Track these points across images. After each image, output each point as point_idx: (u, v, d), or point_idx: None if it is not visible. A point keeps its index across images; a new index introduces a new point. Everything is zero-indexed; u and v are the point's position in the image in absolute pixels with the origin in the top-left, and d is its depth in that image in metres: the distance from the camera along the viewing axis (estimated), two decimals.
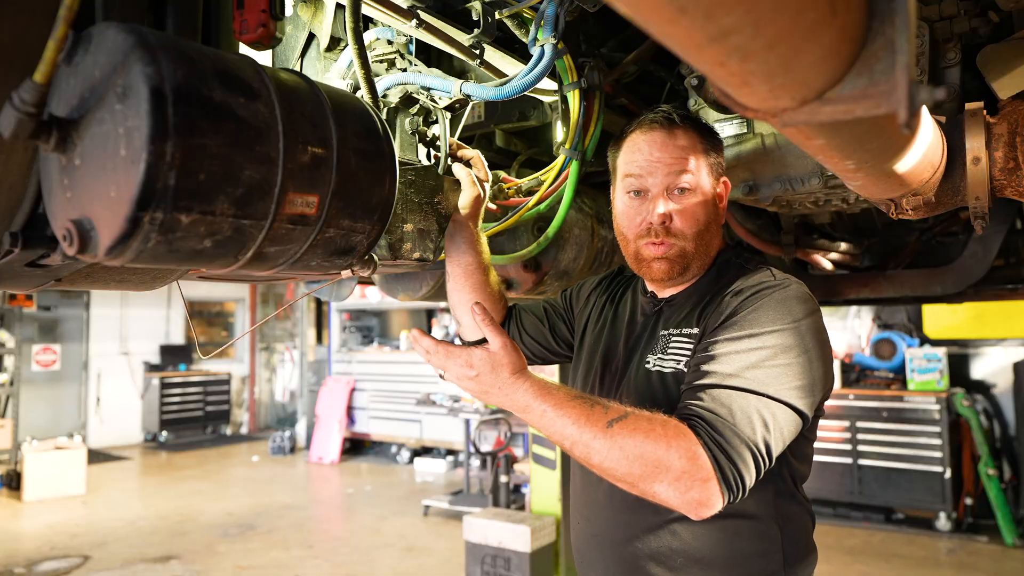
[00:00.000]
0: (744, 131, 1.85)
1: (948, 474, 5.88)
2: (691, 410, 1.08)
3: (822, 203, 2.10)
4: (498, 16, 1.53)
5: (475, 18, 1.49)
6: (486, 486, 6.75)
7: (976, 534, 5.93)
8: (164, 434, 10.82)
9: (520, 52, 1.71)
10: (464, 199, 1.51)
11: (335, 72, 1.51)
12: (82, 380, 10.75)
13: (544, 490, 4.45)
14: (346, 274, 1.20)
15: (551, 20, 1.43)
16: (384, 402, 9.75)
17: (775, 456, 1.08)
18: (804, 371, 1.11)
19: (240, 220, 0.88)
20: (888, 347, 6.89)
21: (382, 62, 1.55)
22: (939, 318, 7.02)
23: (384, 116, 1.40)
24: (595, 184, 2.35)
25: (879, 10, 0.56)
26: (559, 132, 1.86)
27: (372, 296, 9.62)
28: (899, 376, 6.65)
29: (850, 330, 7.65)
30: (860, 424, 6.30)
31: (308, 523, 6.70)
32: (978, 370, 6.96)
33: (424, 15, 1.45)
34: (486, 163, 1.57)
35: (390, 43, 1.54)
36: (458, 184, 1.52)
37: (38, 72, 0.79)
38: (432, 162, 1.59)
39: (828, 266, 3.19)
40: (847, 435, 6.32)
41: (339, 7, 1.48)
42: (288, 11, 1.49)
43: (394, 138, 1.30)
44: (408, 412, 9.38)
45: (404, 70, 1.55)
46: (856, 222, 3.34)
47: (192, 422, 11.21)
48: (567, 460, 4.28)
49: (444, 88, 1.47)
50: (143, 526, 6.52)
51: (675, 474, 1.01)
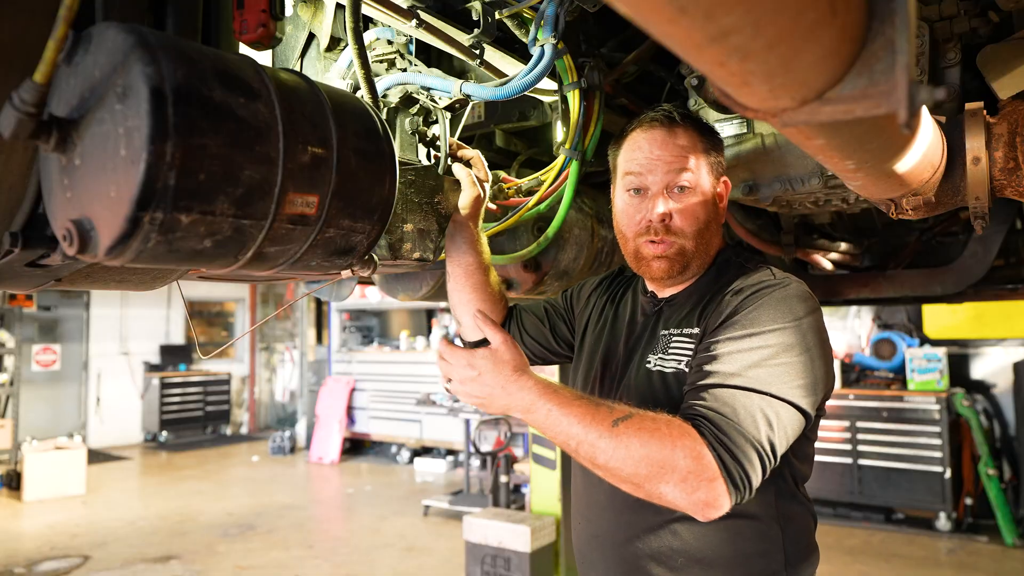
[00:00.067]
0: (744, 131, 1.85)
1: (948, 474, 5.88)
2: (695, 410, 1.08)
3: (822, 203, 2.10)
4: (498, 16, 1.53)
5: (475, 18, 1.49)
6: (486, 486, 6.75)
7: (976, 534, 5.93)
8: (164, 434, 10.82)
9: (520, 52, 1.71)
10: (464, 199, 1.51)
11: (335, 72, 1.51)
12: (82, 380, 10.75)
13: (544, 490, 4.45)
14: (346, 274, 1.20)
15: (551, 20, 1.43)
16: (384, 402, 9.74)
17: (780, 455, 1.08)
18: (806, 370, 1.11)
19: (240, 220, 0.88)
20: (888, 347, 6.89)
21: (382, 62, 1.55)
22: (939, 318, 7.02)
23: (384, 116, 1.40)
24: (595, 184, 2.35)
25: (879, 10, 0.56)
26: (559, 132, 1.86)
27: (372, 296, 9.62)
28: (899, 376, 6.65)
29: (850, 330, 7.65)
30: (860, 424, 6.30)
31: (308, 523, 6.70)
32: (978, 370, 6.96)
33: (424, 15, 1.45)
34: (486, 163, 1.57)
35: (390, 43, 1.54)
36: (458, 184, 1.52)
37: (38, 72, 0.79)
38: (432, 162, 1.59)
39: (828, 266, 3.18)
40: (847, 435, 6.32)
41: (339, 7, 1.48)
42: (288, 11, 1.49)
43: (394, 138, 1.30)
44: (408, 412, 9.38)
45: (404, 70, 1.55)
46: (856, 222, 3.34)
47: (192, 422, 11.21)
48: (567, 460, 4.27)
49: (444, 88, 1.47)
50: (143, 526, 6.52)
51: (681, 474, 1.00)
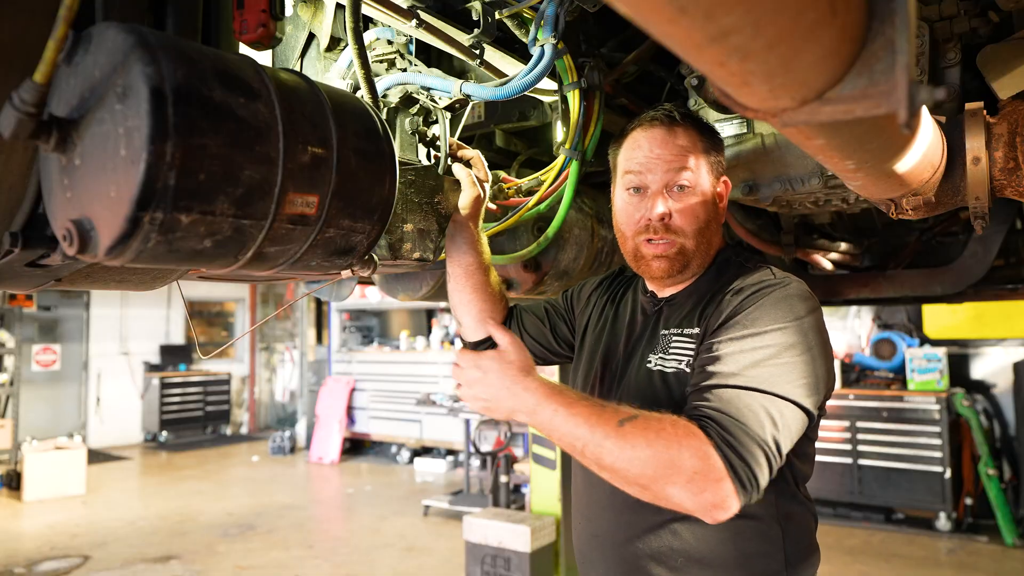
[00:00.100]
0: (744, 131, 1.85)
1: (948, 474, 5.88)
2: (700, 411, 1.07)
3: (822, 203, 2.10)
4: (498, 16, 1.53)
5: (475, 18, 1.49)
6: (486, 486, 6.75)
7: (976, 534, 5.93)
8: (164, 434, 10.82)
9: (520, 52, 1.71)
10: (464, 199, 1.51)
11: (335, 72, 1.51)
12: (82, 380, 10.75)
13: (544, 490, 4.45)
14: (346, 274, 1.20)
15: (551, 20, 1.43)
16: (384, 402, 9.74)
17: (785, 454, 1.07)
18: (808, 369, 1.11)
19: (240, 220, 0.88)
20: (888, 347, 6.89)
21: (382, 62, 1.55)
22: (939, 318, 7.02)
23: (384, 116, 1.40)
24: (595, 184, 2.35)
25: (879, 10, 0.56)
26: (559, 132, 1.86)
27: (372, 296, 9.62)
28: (899, 376, 6.65)
29: (850, 330, 7.65)
30: (860, 424, 6.30)
31: (308, 523, 6.70)
32: (978, 370, 6.96)
33: (424, 15, 1.45)
34: (486, 163, 1.57)
35: (390, 43, 1.54)
36: (458, 184, 1.52)
37: (38, 72, 0.79)
38: (432, 162, 1.59)
39: (828, 266, 3.18)
40: (847, 435, 6.32)
41: (339, 7, 1.48)
42: (288, 11, 1.49)
43: (394, 138, 1.30)
44: (408, 412, 9.37)
45: (404, 70, 1.55)
46: (856, 222, 3.34)
47: (192, 422, 11.21)
48: (567, 460, 4.27)
49: (444, 88, 1.47)
50: (143, 526, 6.52)
51: (687, 475, 0.99)
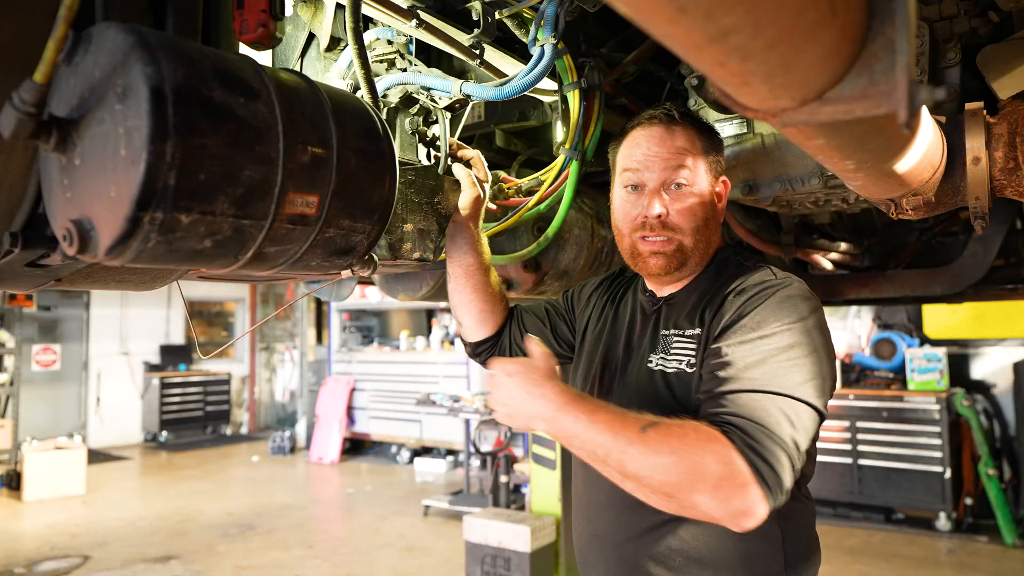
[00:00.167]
0: (744, 131, 1.85)
1: (948, 474, 5.88)
2: (720, 418, 1.06)
3: (822, 203, 2.10)
4: (498, 16, 1.53)
5: (475, 18, 1.49)
6: (486, 486, 6.75)
7: (976, 534, 5.93)
8: (164, 434, 10.82)
9: (520, 52, 1.71)
10: (464, 199, 1.51)
11: (335, 72, 1.51)
12: (82, 380, 10.75)
13: (544, 490, 4.45)
14: (346, 274, 1.20)
15: (551, 20, 1.43)
16: (384, 402, 9.74)
17: (804, 454, 1.07)
18: (815, 369, 1.11)
19: (240, 220, 0.88)
20: (888, 347, 6.89)
21: (382, 62, 1.55)
22: (939, 318, 7.01)
23: (384, 116, 1.40)
24: (595, 184, 2.35)
25: (879, 10, 0.56)
26: (559, 132, 1.86)
27: (372, 296, 9.62)
28: (899, 376, 6.64)
29: (850, 330, 7.65)
30: (860, 424, 6.30)
31: (308, 523, 6.70)
32: (978, 370, 6.95)
33: (424, 15, 1.45)
34: (486, 163, 1.57)
35: (390, 43, 1.54)
36: (458, 184, 1.52)
37: (38, 72, 0.79)
38: (432, 162, 1.59)
39: (828, 266, 3.18)
40: (847, 435, 6.32)
41: (339, 7, 1.48)
42: (288, 11, 1.49)
43: (394, 138, 1.30)
44: (408, 412, 9.37)
45: (404, 70, 1.55)
46: (856, 222, 3.34)
47: (192, 422, 11.21)
48: (567, 460, 4.27)
49: (444, 88, 1.47)
50: (143, 526, 6.52)
51: (713, 481, 0.98)
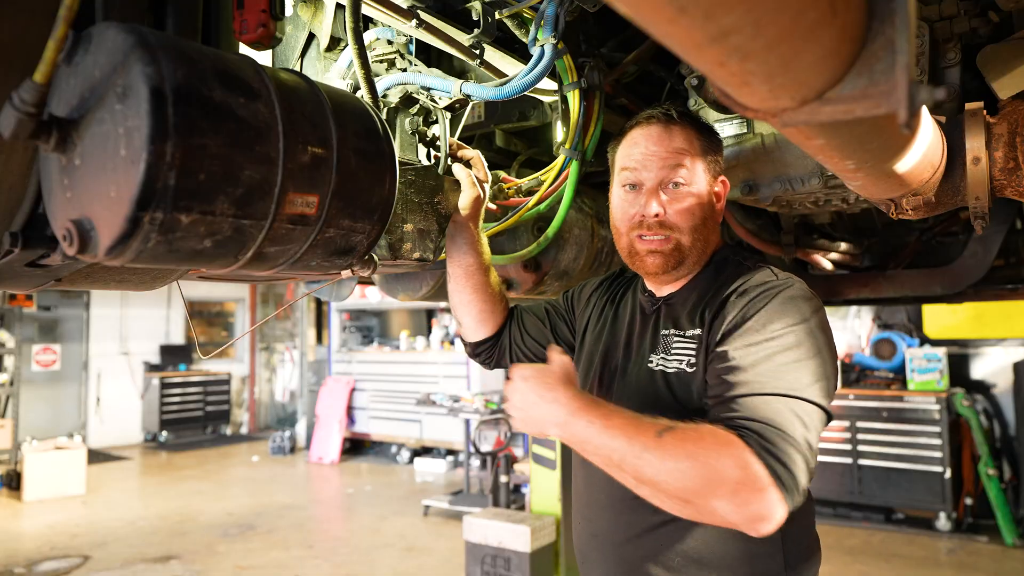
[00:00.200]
0: (744, 131, 1.85)
1: (948, 474, 5.88)
2: (734, 423, 1.06)
3: (822, 203, 2.10)
4: (498, 16, 1.53)
5: (475, 18, 1.49)
6: (486, 486, 6.75)
7: (976, 534, 5.93)
8: (164, 434, 10.82)
9: (520, 52, 1.71)
10: (464, 200, 1.51)
11: (335, 72, 1.51)
12: (82, 380, 10.75)
13: (544, 490, 4.45)
14: (346, 274, 1.20)
15: (551, 20, 1.43)
16: (384, 402, 9.74)
17: (816, 454, 1.07)
18: (821, 370, 1.12)
19: (240, 220, 0.88)
20: (888, 347, 6.89)
21: (382, 62, 1.55)
22: (939, 318, 7.01)
23: (384, 116, 1.40)
24: (595, 184, 2.35)
25: (879, 10, 0.56)
26: (559, 132, 1.86)
27: (372, 296, 9.62)
28: (899, 376, 6.64)
29: (850, 330, 7.65)
30: (860, 424, 6.30)
31: (308, 523, 6.70)
32: (978, 370, 6.95)
33: (424, 15, 1.45)
34: (486, 163, 1.57)
35: (390, 43, 1.54)
36: (458, 184, 1.52)
37: (38, 72, 0.79)
38: (432, 162, 1.59)
39: (828, 266, 3.18)
40: (847, 435, 6.32)
41: (339, 7, 1.48)
42: (288, 11, 1.49)
43: (394, 138, 1.30)
44: (408, 412, 9.37)
45: (404, 70, 1.55)
46: (856, 222, 3.34)
47: (192, 422, 11.21)
48: (567, 460, 4.28)
49: (444, 88, 1.47)
50: (143, 526, 6.52)
51: (731, 486, 0.97)
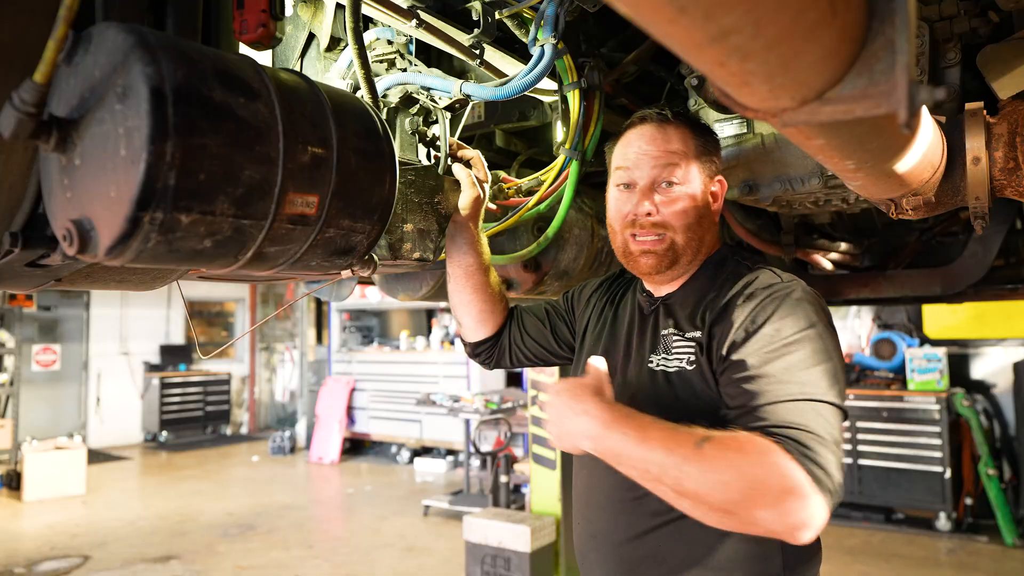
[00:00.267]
0: (744, 131, 1.85)
1: (948, 474, 5.88)
2: (768, 430, 1.05)
3: (822, 203, 2.10)
4: (498, 16, 1.53)
5: (475, 18, 1.49)
6: (486, 486, 6.75)
7: (976, 534, 5.93)
8: (164, 434, 10.82)
9: (520, 52, 1.71)
10: (464, 200, 1.51)
11: (335, 72, 1.51)
12: (82, 380, 10.75)
13: (544, 490, 4.45)
14: (346, 274, 1.20)
15: (551, 20, 1.43)
16: (384, 402, 9.74)
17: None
18: (835, 373, 1.12)
19: (240, 220, 0.88)
20: (888, 347, 6.88)
21: (382, 62, 1.55)
22: (939, 318, 7.02)
23: (384, 116, 1.40)
24: (595, 184, 2.35)
25: (879, 10, 0.56)
26: (559, 132, 1.86)
27: (372, 296, 9.62)
28: (899, 376, 6.64)
29: (850, 330, 7.65)
30: (860, 424, 6.30)
31: (308, 523, 6.70)
32: (978, 370, 6.96)
33: (424, 15, 1.45)
34: (486, 163, 1.57)
35: (390, 43, 1.54)
36: (458, 184, 1.52)
37: (38, 72, 0.79)
38: (432, 162, 1.59)
39: (828, 266, 3.18)
40: (847, 435, 6.31)
41: (339, 7, 1.48)
42: (288, 11, 1.49)
43: (394, 138, 1.30)
44: (408, 412, 9.37)
45: (404, 70, 1.55)
46: (856, 222, 3.34)
47: (192, 422, 11.21)
48: (567, 460, 4.27)
49: (444, 88, 1.47)
50: (143, 526, 6.52)
51: (774, 495, 0.97)
